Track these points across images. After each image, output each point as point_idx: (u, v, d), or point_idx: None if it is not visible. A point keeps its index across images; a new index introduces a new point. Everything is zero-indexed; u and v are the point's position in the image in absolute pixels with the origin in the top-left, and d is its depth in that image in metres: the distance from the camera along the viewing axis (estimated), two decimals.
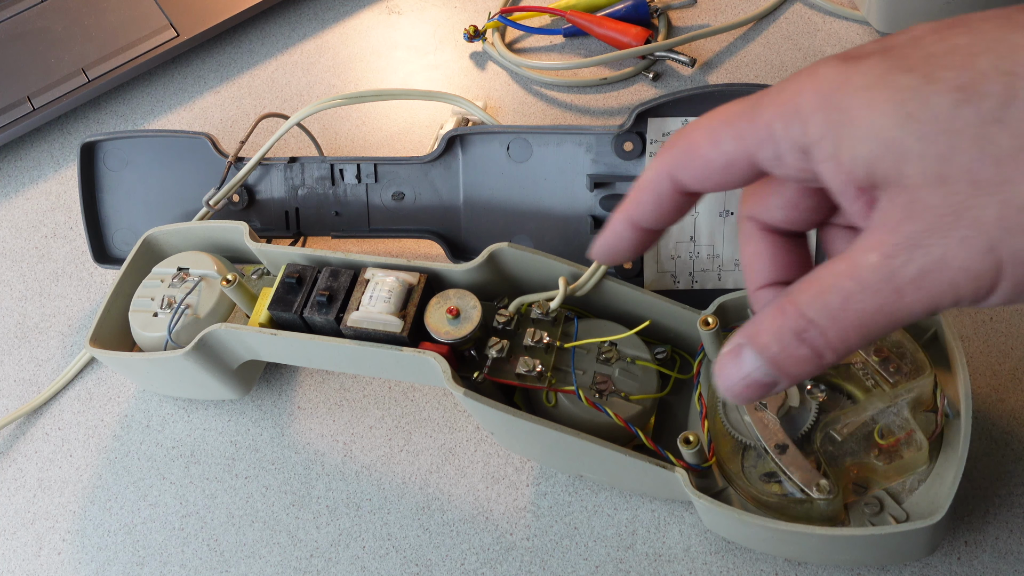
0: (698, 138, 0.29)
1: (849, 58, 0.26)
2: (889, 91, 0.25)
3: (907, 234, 0.25)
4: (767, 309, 0.28)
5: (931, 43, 0.25)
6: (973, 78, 0.23)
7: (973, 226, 0.24)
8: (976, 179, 0.24)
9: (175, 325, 0.48)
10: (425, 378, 0.44)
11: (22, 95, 0.68)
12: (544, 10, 0.68)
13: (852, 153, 0.26)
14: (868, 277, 0.25)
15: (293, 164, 0.56)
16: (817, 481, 0.40)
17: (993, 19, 0.24)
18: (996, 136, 0.23)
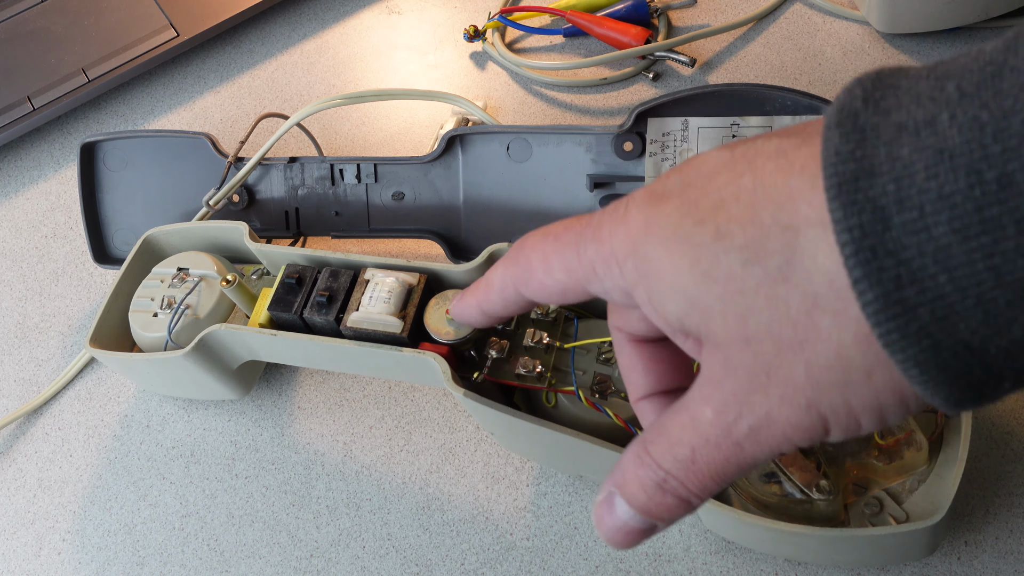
0: (534, 263, 0.30)
1: (654, 197, 0.27)
2: (685, 246, 0.25)
3: (730, 391, 0.25)
4: (629, 454, 0.28)
5: (723, 184, 0.25)
6: (757, 235, 0.24)
7: (787, 384, 0.24)
8: (777, 340, 0.24)
9: (175, 325, 0.48)
10: (425, 379, 0.44)
11: (22, 95, 0.68)
12: (544, 10, 0.68)
13: (663, 307, 0.26)
14: (708, 432, 0.26)
15: (293, 164, 0.56)
16: (817, 482, 0.40)
17: (774, 157, 0.24)
18: (786, 296, 0.23)
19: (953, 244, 0.20)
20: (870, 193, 0.21)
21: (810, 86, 0.63)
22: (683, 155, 0.50)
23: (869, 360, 0.23)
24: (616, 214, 0.28)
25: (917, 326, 0.21)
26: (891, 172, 0.21)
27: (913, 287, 0.21)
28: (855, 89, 0.23)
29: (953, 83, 0.21)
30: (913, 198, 0.21)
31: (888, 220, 0.21)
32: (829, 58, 0.64)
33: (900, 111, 0.22)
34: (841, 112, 0.23)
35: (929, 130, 0.21)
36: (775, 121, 0.48)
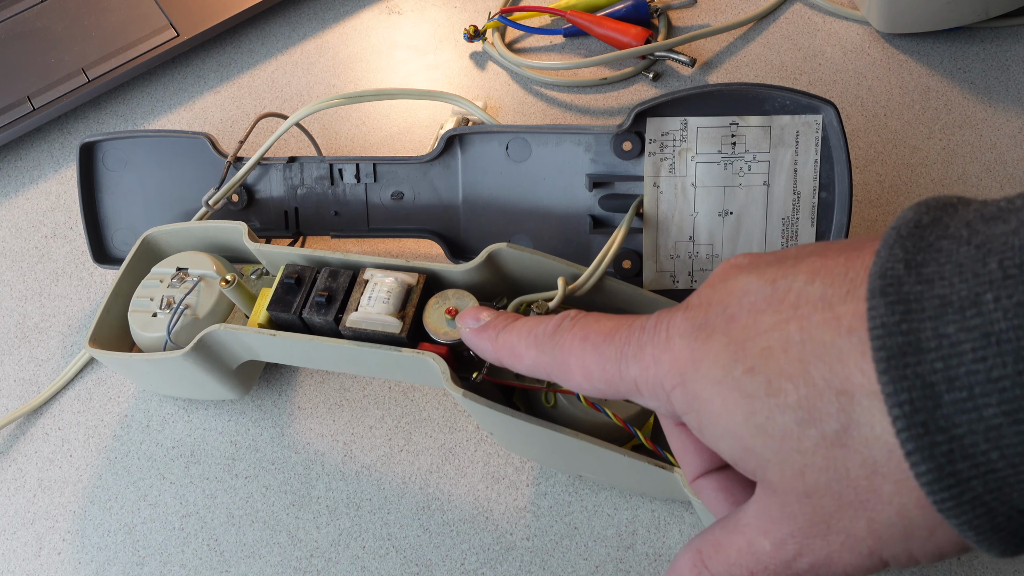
0: (573, 368, 0.31)
1: (697, 329, 0.27)
2: (737, 395, 0.26)
3: (789, 532, 0.26)
4: (686, 561, 0.30)
5: (769, 328, 0.25)
6: (810, 395, 0.24)
7: (848, 535, 0.25)
8: (838, 498, 0.25)
9: (174, 325, 0.48)
10: (424, 379, 0.44)
11: (22, 95, 0.68)
12: (544, 10, 0.68)
13: (716, 445, 0.27)
14: (766, 562, 0.27)
15: (292, 164, 0.56)
16: None
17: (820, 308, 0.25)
18: (845, 459, 0.24)
19: (1004, 425, 0.21)
20: (919, 369, 0.22)
21: (810, 86, 0.63)
22: (682, 154, 0.50)
23: (931, 522, 0.24)
24: (658, 337, 0.28)
25: (971, 495, 0.22)
26: (938, 350, 0.22)
27: (966, 462, 0.22)
28: (896, 249, 0.23)
29: (996, 259, 0.21)
30: (962, 378, 0.21)
31: (938, 398, 0.22)
32: (829, 58, 0.64)
33: (943, 282, 0.22)
34: (884, 277, 0.23)
35: (974, 310, 0.21)
36: (774, 120, 0.48)
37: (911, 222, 0.24)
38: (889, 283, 0.23)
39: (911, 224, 0.24)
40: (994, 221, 0.22)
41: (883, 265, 0.23)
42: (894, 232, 0.24)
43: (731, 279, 0.28)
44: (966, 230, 0.23)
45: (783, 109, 0.48)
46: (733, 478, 0.33)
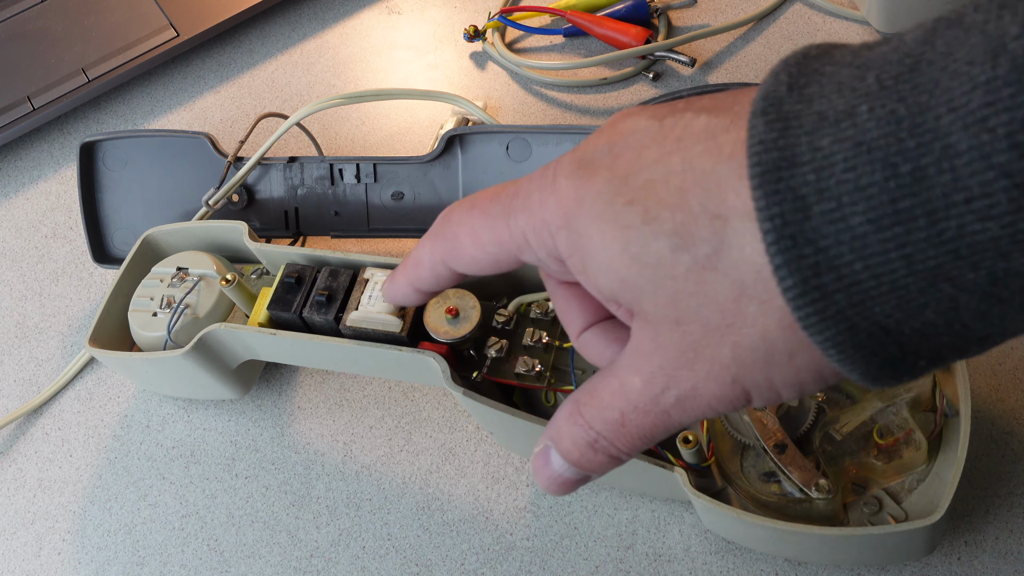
0: (463, 237, 0.31)
1: (583, 167, 0.27)
2: (615, 227, 0.26)
3: (658, 364, 0.27)
4: (563, 412, 0.30)
5: (652, 161, 0.25)
6: (685, 221, 0.24)
7: (713, 362, 0.25)
8: (706, 323, 0.25)
9: (174, 325, 0.48)
10: (424, 378, 0.44)
11: (22, 95, 0.68)
12: (544, 10, 0.68)
13: (596, 281, 0.27)
14: (636, 400, 0.27)
15: (292, 164, 0.56)
16: (816, 481, 0.40)
17: (703, 138, 0.25)
18: (714, 283, 0.24)
19: (869, 234, 0.21)
20: (791, 183, 0.22)
21: None
22: None
23: (791, 344, 0.24)
24: (544, 182, 0.28)
25: (834, 310, 0.22)
26: (812, 162, 0.22)
27: (831, 274, 0.22)
28: (781, 74, 0.24)
29: (873, 74, 0.21)
30: (832, 188, 0.21)
31: (808, 209, 0.22)
32: None
33: (822, 100, 0.22)
34: (766, 99, 0.23)
35: (848, 121, 0.21)
36: None
37: (799, 54, 0.24)
38: (770, 103, 0.23)
39: (799, 54, 0.24)
40: (877, 46, 0.23)
41: (766, 89, 0.23)
42: (781, 62, 0.24)
43: (620, 122, 0.28)
44: (850, 55, 0.23)
45: None
46: (617, 327, 0.33)
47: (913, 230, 0.21)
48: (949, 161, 0.20)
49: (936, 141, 0.20)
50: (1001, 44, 0.19)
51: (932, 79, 0.20)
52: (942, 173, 0.20)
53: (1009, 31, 0.19)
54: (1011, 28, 0.19)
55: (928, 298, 0.22)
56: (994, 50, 0.19)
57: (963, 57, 0.20)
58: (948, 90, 0.20)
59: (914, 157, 0.20)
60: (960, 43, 0.20)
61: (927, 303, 0.22)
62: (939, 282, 0.21)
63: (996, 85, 0.19)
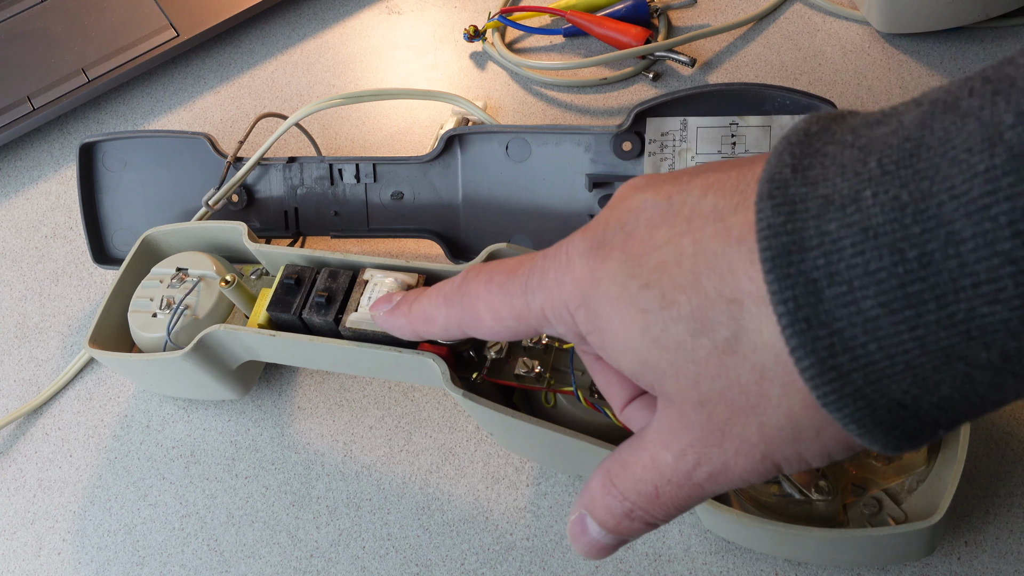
0: (482, 311, 0.32)
1: (596, 247, 0.28)
2: (633, 311, 0.26)
3: (688, 442, 0.27)
4: (597, 482, 0.31)
5: (663, 242, 0.26)
6: (702, 305, 0.25)
7: (742, 441, 0.26)
8: (731, 404, 0.26)
9: (174, 326, 0.48)
10: (424, 379, 0.44)
11: (22, 95, 0.68)
12: (544, 10, 0.68)
13: (617, 361, 0.28)
14: (669, 475, 0.28)
15: (292, 164, 0.56)
16: (816, 482, 0.40)
17: (712, 220, 0.25)
18: (735, 366, 0.25)
19: (881, 316, 0.22)
20: (802, 267, 0.22)
21: (810, 86, 0.63)
22: (681, 155, 0.50)
23: (816, 422, 0.25)
24: (559, 261, 0.29)
25: (852, 388, 0.23)
26: (820, 247, 0.22)
27: (846, 355, 0.22)
28: (784, 155, 0.24)
29: (875, 158, 0.22)
30: (842, 273, 0.22)
31: (820, 293, 0.22)
32: (829, 58, 0.64)
33: (826, 183, 0.23)
34: (772, 182, 0.24)
35: (854, 207, 0.22)
36: (774, 120, 0.48)
37: (801, 131, 0.25)
38: (776, 187, 0.23)
39: (800, 132, 0.25)
40: (876, 125, 0.23)
41: (771, 171, 0.24)
42: (784, 141, 0.25)
43: (628, 198, 0.28)
44: (851, 135, 0.23)
45: (783, 109, 0.48)
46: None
47: (924, 313, 0.21)
48: (955, 247, 0.20)
49: (940, 228, 0.20)
50: (997, 133, 0.20)
51: (933, 165, 0.21)
52: (948, 259, 0.20)
53: (1004, 120, 0.20)
54: (1006, 117, 0.20)
55: (943, 375, 0.22)
56: (991, 139, 0.20)
57: (961, 144, 0.20)
58: (949, 177, 0.20)
59: (920, 243, 0.21)
60: (958, 129, 0.21)
61: (942, 380, 0.22)
62: (953, 361, 0.22)
63: (995, 175, 0.20)
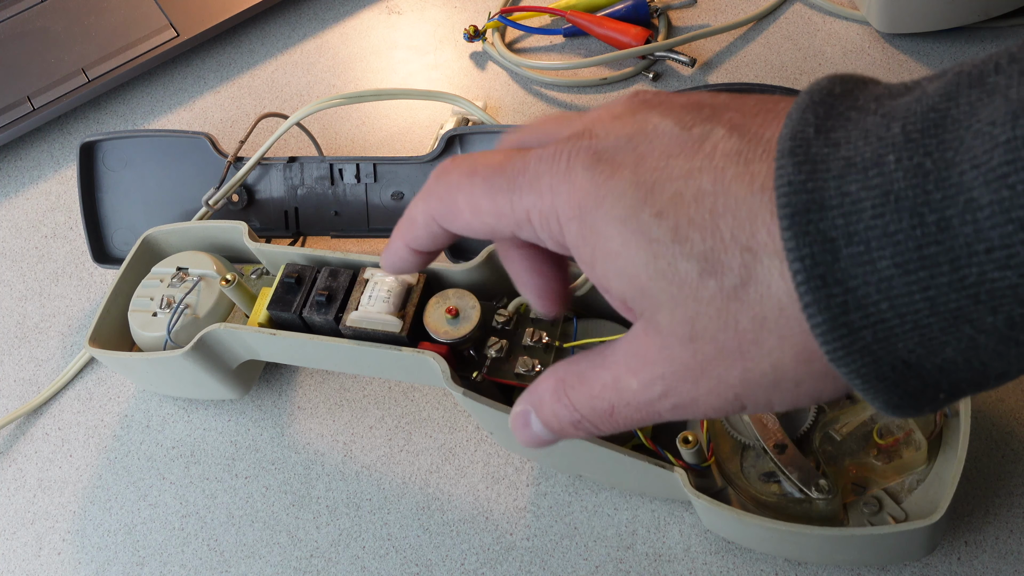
0: (461, 203, 0.31)
1: (603, 162, 0.27)
2: (642, 238, 0.26)
3: (660, 373, 0.28)
4: (547, 386, 0.31)
5: (681, 173, 0.26)
6: (715, 247, 0.25)
7: (719, 381, 0.27)
8: (720, 346, 0.26)
9: (174, 325, 0.48)
10: (424, 378, 0.44)
11: (22, 95, 0.68)
12: (544, 10, 0.68)
13: (608, 281, 0.28)
14: (629, 398, 0.29)
15: (292, 164, 0.56)
16: (816, 481, 0.40)
17: (736, 161, 0.25)
18: (737, 312, 0.25)
19: (895, 276, 0.22)
20: (821, 225, 0.23)
21: None
22: None
23: (801, 374, 0.26)
24: (556, 165, 0.28)
25: (860, 345, 0.24)
26: (840, 207, 0.23)
27: (858, 312, 0.23)
28: (808, 114, 0.25)
29: (899, 125, 0.23)
30: (860, 233, 0.23)
31: (837, 252, 0.23)
32: (829, 58, 0.64)
33: (848, 146, 0.23)
34: (794, 139, 0.24)
35: (876, 170, 0.23)
36: None
37: (824, 90, 0.25)
38: (798, 144, 0.24)
39: (824, 92, 0.25)
40: (900, 96, 0.24)
41: (794, 128, 0.24)
42: (807, 96, 0.25)
43: (640, 114, 0.28)
44: (874, 103, 0.24)
45: None
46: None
47: (937, 275, 0.22)
48: (972, 214, 0.21)
49: (960, 195, 0.21)
50: (1022, 108, 0.21)
51: (958, 137, 0.22)
52: (965, 224, 0.21)
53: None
54: None
55: (949, 337, 0.23)
56: (1015, 112, 0.21)
57: (986, 118, 0.21)
58: (971, 148, 0.21)
59: (939, 208, 0.21)
60: (983, 104, 0.21)
61: (948, 342, 0.23)
62: (960, 323, 0.22)
63: (1016, 145, 0.20)
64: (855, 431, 0.41)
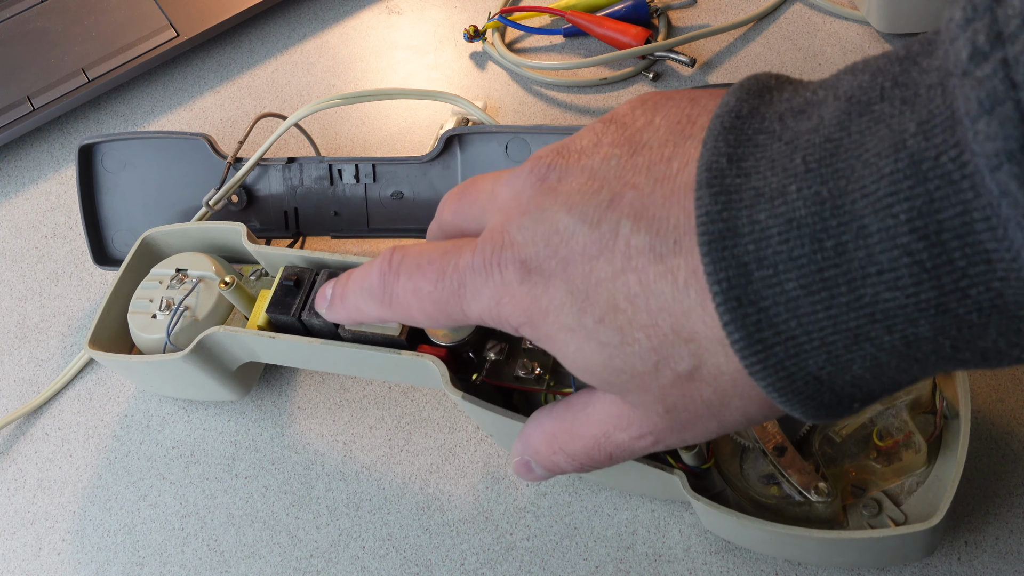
0: (416, 316, 0.34)
1: (532, 271, 0.30)
2: (593, 344, 0.29)
3: (648, 430, 0.31)
4: (536, 436, 0.35)
5: (607, 278, 0.28)
6: (662, 343, 0.28)
7: (702, 430, 0.30)
8: (694, 413, 0.29)
9: (174, 327, 0.48)
10: (424, 381, 0.44)
11: (22, 95, 0.68)
12: (544, 10, 0.68)
13: (574, 372, 0.31)
14: (625, 446, 0.32)
15: (292, 164, 0.56)
16: (815, 484, 0.40)
17: (653, 261, 0.27)
18: (699, 390, 0.28)
19: (800, 297, 0.24)
20: (735, 251, 0.25)
21: None
22: None
23: (767, 414, 0.28)
24: (491, 279, 0.31)
25: (774, 360, 0.26)
26: (751, 234, 0.25)
27: (770, 330, 0.25)
28: (720, 143, 0.26)
29: (800, 155, 0.25)
30: (769, 258, 0.24)
31: (750, 275, 0.25)
32: (829, 58, 0.64)
33: (758, 175, 0.25)
34: (710, 171, 0.26)
35: (781, 199, 0.24)
36: None
37: (732, 112, 0.27)
38: (714, 176, 0.26)
39: (732, 114, 0.27)
40: (800, 116, 0.25)
41: (708, 159, 0.26)
42: (718, 122, 0.27)
43: (547, 212, 0.30)
44: (779, 124, 0.26)
45: None
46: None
47: (836, 295, 0.24)
48: (864, 239, 0.23)
49: (853, 222, 0.23)
50: (901, 140, 0.22)
51: (849, 166, 0.23)
52: (859, 248, 0.23)
53: (908, 128, 0.22)
54: (909, 125, 0.22)
55: (853, 355, 0.25)
56: (895, 145, 0.22)
57: (872, 148, 0.23)
58: (861, 178, 0.23)
59: (836, 234, 0.23)
60: (871, 133, 0.23)
61: (853, 359, 0.25)
62: (861, 342, 0.24)
63: (898, 177, 0.22)
64: (854, 433, 0.41)
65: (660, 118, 0.30)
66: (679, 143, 0.28)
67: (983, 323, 0.23)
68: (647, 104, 0.31)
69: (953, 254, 0.22)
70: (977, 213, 0.21)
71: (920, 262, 0.22)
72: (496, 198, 0.33)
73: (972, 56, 0.21)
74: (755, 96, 0.28)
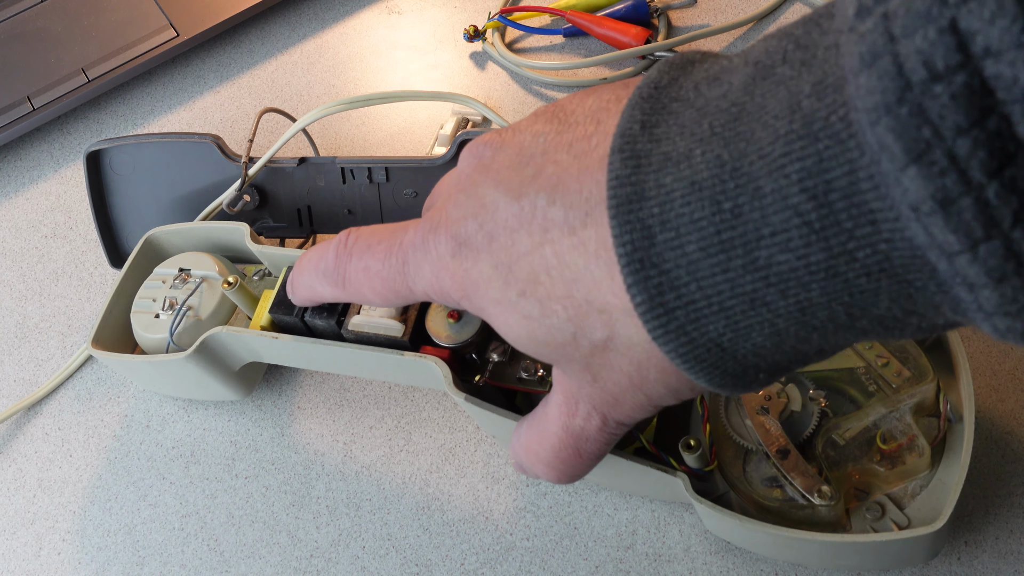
0: (367, 295, 0.35)
1: (463, 246, 0.31)
2: (517, 316, 0.30)
3: (592, 407, 0.32)
4: (518, 448, 0.37)
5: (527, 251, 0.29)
6: (578, 313, 0.28)
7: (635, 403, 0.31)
8: (619, 384, 0.30)
9: (177, 327, 0.48)
10: (426, 382, 0.44)
11: (22, 95, 0.68)
12: (544, 10, 0.68)
13: (511, 343, 0.31)
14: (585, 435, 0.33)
15: (302, 164, 0.56)
16: (819, 487, 0.40)
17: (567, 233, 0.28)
18: (617, 359, 0.29)
19: (700, 259, 0.24)
20: (640, 214, 0.25)
21: None
22: None
23: (689, 387, 0.29)
24: (429, 255, 0.32)
25: (675, 325, 0.26)
26: (657, 197, 0.25)
27: (672, 293, 0.25)
28: (635, 111, 0.27)
29: (707, 121, 0.25)
30: (672, 220, 0.25)
31: (653, 237, 0.25)
32: None
33: (668, 141, 0.25)
34: (623, 137, 0.26)
35: (686, 163, 0.24)
36: None
37: (652, 83, 0.27)
38: (626, 141, 0.26)
39: (652, 84, 0.27)
40: (714, 83, 0.25)
41: (623, 126, 0.26)
42: (636, 93, 0.27)
43: (479, 188, 0.31)
44: (693, 92, 0.26)
45: None
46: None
47: (733, 257, 0.24)
48: (759, 200, 0.23)
49: (750, 183, 0.23)
50: (797, 102, 0.22)
51: (749, 129, 0.23)
52: (754, 211, 0.23)
53: (803, 89, 0.22)
54: (804, 87, 0.22)
55: (751, 321, 0.25)
56: (792, 106, 0.22)
57: (771, 110, 0.23)
58: (759, 140, 0.23)
59: (733, 196, 0.23)
60: (772, 95, 0.23)
61: (751, 326, 0.25)
62: (757, 306, 0.24)
63: (791, 138, 0.22)
64: (858, 436, 0.41)
65: (592, 99, 0.30)
66: (602, 120, 0.28)
67: (873, 288, 0.22)
68: (588, 90, 0.31)
69: (840, 215, 0.22)
70: (862, 172, 0.21)
71: (809, 223, 0.22)
72: (448, 179, 0.34)
73: (858, 12, 0.20)
74: (677, 68, 0.27)
